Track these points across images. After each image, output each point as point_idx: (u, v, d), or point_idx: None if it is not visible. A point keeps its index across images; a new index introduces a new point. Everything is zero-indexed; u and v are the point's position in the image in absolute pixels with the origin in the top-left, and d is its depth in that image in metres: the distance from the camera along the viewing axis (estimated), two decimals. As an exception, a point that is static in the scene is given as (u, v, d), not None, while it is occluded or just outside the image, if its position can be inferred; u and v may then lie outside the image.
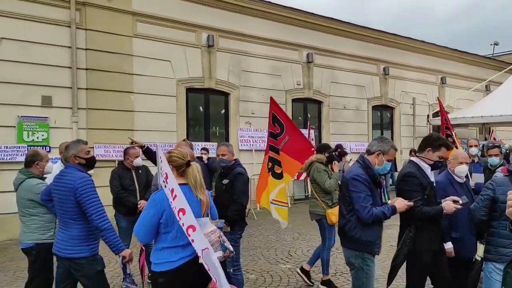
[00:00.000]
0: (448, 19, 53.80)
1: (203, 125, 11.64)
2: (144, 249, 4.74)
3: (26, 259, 4.22)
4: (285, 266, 6.33)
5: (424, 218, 3.48)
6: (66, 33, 8.99)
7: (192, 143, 7.26)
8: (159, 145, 3.15)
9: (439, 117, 10.55)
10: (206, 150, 8.98)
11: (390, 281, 3.67)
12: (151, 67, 10.17)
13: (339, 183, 5.60)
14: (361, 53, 14.76)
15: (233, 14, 11.68)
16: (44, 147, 8.27)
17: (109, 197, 5.67)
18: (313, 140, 10.46)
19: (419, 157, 3.73)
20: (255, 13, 12.09)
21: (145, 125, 10.02)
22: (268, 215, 10.48)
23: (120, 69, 9.70)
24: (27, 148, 8.22)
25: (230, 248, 3.02)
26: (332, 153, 5.54)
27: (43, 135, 8.67)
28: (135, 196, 5.54)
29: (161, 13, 10.33)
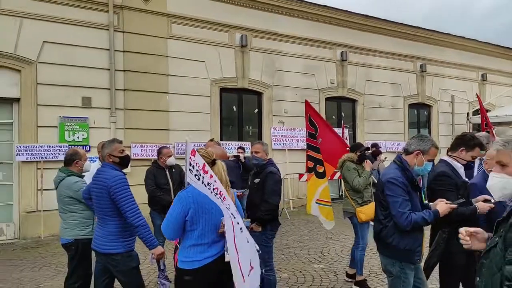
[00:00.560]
0: (487, 14, 51.74)
1: (237, 124, 11.73)
2: (178, 246, 4.83)
3: (67, 255, 4.38)
4: (318, 266, 6.29)
5: (459, 219, 3.32)
6: (105, 36, 9.27)
7: (220, 142, 7.37)
8: (190, 142, 3.18)
9: (479, 115, 10.19)
10: (243, 149, 9.07)
11: None
12: (185, 68, 10.33)
13: (372, 182, 5.58)
14: (397, 50, 14.44)
15: (266, 13, 11.70)
16: (84, 147, 8.58)
17: (145, 195, 5.82)
18: (347, 140, 10.31)
19: (452, 156, 3.62)
20: (288, 12, 12.06)
21: (180, 125, 10.20)
22: (302, 214, 10.53)
23: (156, 70, 9.91)
24: (68, 148, 8.54)
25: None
26: (364, 152, 5.56)
27: (83, 134, 8.98)
28: (169, 194, 5.66)
29: (195, 14, 10.48)
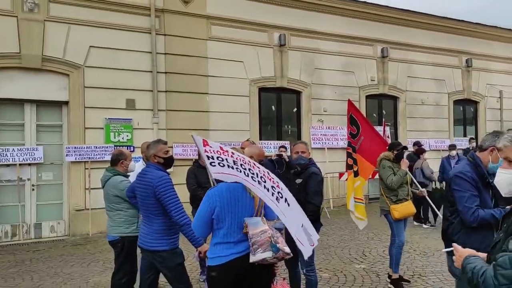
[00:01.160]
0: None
1: (275, 124, 11.75)
2: None
3: (113, 251, 4.55)
4: (359, 266, 6.22)
5: None
6: (147, 39, 9.55)
7: (256, 142, 7.40)
8: (196, 136, 3.20)
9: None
10: (285, 148, 9.08)
11: None
12: (224, 68, 10.47)
13: (411, 181, 5.53)
14: (440, 45, 13.98)
15: (304, 12, 11.65)
16: (128, 147, 8.86)
17: (187, 194, 5.95)
18: (388, 138, 10.07)
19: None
20: (327, 9, 11.96)
21: (220, 125, 10.34)
22: (343, 214, 10.43)
23: (196, 72, 10.10)
24: (114, 148, 8.87)
25: (286, 250, 2.95)
26: (401, 151, 5.53)
27: (127, 135, 9.29)
28: (210, 193, 5.75)
29: (234, 15, 10.59)
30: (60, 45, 8.66)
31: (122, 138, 9.25)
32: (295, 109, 11.97)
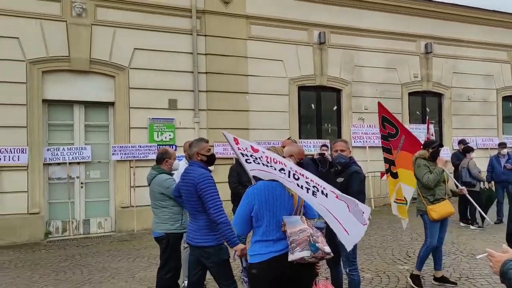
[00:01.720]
0: None
1: (315, 122, 11.69)
2: None
3: (158, 247, 4.67)
4: (402, 267, 6.09)
5: None
6: (188, 40, 9.74)
7: (297, 141, 7.40)
8: (227, 134, 3.23)
9: None
10: (326, 147, 9.03)
11: None
12: (264, 68, 10.51)
13: (447, 179, 5.37)
14: (488, 39, 13.42)
15: (345, 8, 11.51)
16: (171, 146, 9.08)
17: (228, 192, 6.03)
18: (433, 136, 9.82)
19: None
20: (368, 5, 11.76)
21: (259, 124, 10.40)
22: (384, 214, 10.23)
23: (236, 71, 10.20)
24: (157, 147, 9.13)
25: (325, 249, 2.91)
26: (437, 149, 5.39)
27: (170, 135, 9.53)
28: (252, 191, 5.80)
29: (273, 14, 10.61)
30: (106, 48, 8.99)
31: (165, 138, 9.49)
32: (335, 108, 11.86)
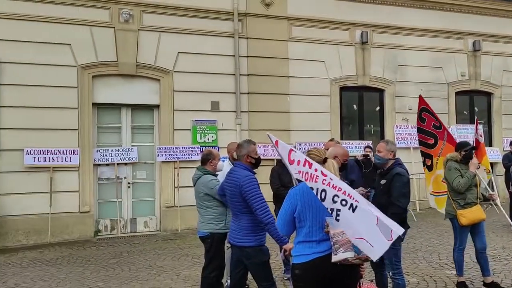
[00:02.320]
0: None
1: (357, 123, 11.54)
2: None
3: (201, 247, 4.77)
4: (450, 272, 5.90)
5: None
6: (230, 43, 9.88)
7: (340, 142, 7.37)
8: (272, 136, 3.24)
9: None
10: (370, 148, 8.93)
11: None
12: (305, 69, 10.49)
13: (478, 183, 5.21)
14: (543, 35, 12.77)
15: (388, 7, 11.30)
16: (213, 148, 9.23)
17: (269, 193, 6.07)
18: (481, 136, 9.45)
19: None
20: (412, 3, 11.50)
21: (301, 125, 10.39)
22: (430, 217, 9.96)
23: (277, 73, 10.24)
24: (200, 149, 9.32)
25: None
26: (470, 151, 5.19)
27: (212, 136, 9.70)
28: (294, 192, 5.82)
29: (314, 14, 10.58)
30: (151, 52, 9.28)
31: (208, 139, 9.67)
32: (377, 108, 11.66)
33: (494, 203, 6.46)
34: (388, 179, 4.23)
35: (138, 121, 9.54)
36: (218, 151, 8.94)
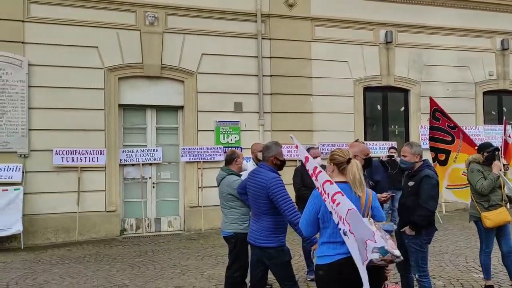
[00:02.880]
0: None
1: (381, 124, 11.41)
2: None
3: (224, 246, 4.81)
4: (477, 275, 5.78)
5: None
6: (253, 44, 9.92)
7: (364, 143, 7.33)
8: (295, 140, 3.30)
9: None
10: (395, 149, 8.84)
11: None
12: (329, 69, 10.44)
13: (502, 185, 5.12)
14: None
15: (413, 6, 11.14)
16: (236, 148, 9.28)
17: (292, 193, 6.07)
18: (510, 137, 9.22)
19: None
20: (437, 2, 11.30)
21: (324, 126, 10.34)
22: (456, 219, 9.77)
23: (300, 73, 10.22)
24: (223, 149, 9.39)
25: (395, 253, 2.84)
26: (493, 153, 5.11)
27: (235, 137, 9.76)
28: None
29: (338, 15, 10.52)
30: (176, 54, 9.40)
31: (231, 140, 9.73)
32: (402, 108, 11.51)
33: None
34: (416, 181, 4.19)
35: (163, 122, 9.68)
36: (241, 151, 9.09)
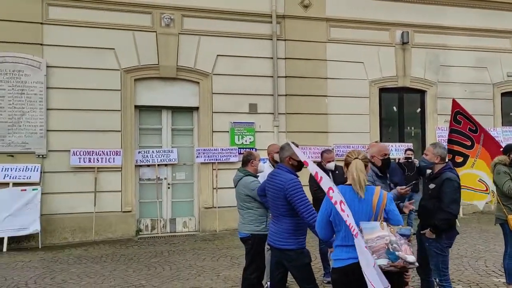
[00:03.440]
0: None
1: (397, 125, 11.30)
2: None
3: (240, 248, 4.81)
4: (498, 279, 5.68)
5: None
6: (268, 45, 9.91)
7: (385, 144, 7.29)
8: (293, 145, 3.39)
9: None
10: (412, 151, 8.76)
11: None
12: (344, 70, 10.38)
13: None
14: None
15: (430, 6, 11.03)
16: (251, 149, 9.28)
17: (309, 195, 6.04)
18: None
19: None
20: (455, 2, 11.17)
21: (339, 127, 10.28)
22: (474, 222, 9.63)
23: (315, 75, 10.18)
24: (238, 150, 9.40)
25: (408, 259, 2.78)
26: None
27: (250, 138, 9.75)
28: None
29: (353, 15, 10.46)
30: (191, 56, 9.44)
31: (245, 141, 9.73)
32: (418, 110, 11.39)
33: None
34: (438, 184, 4.11)
35: (178, 123, 9.72)
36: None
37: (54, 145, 8.62)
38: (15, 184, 8.15)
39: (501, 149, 5.57)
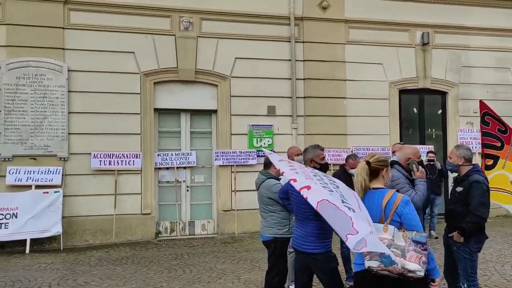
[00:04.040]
0: None
1: (417, 127, 11.14)
2: None
3: (259, 251, 4.79)
4: (526, 285, 5.54)
5: None
6: (286, 47, 9.87)
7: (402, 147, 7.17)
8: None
9: None
10: (433, 153, 8.63)
11: None
12: (363, 72, 10.28)
13: None
14: None
15: (451, 6, 10.86)
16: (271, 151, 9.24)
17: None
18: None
19: None
20: (476, 1, 10.98)
21: (358, 129, 10.17)
22: (498, 226, 9.40)
23: (334, 76, 10.11)
24: (257, 153, 9.39)
25: (408, 266, 2.66)
26: None
27: (268, 141, 9.72)
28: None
29: (372, 16, 10.36)
30: (210, 59, 9.46)
31: (264, 144, 9.70)
32: (439, 111, 11.21)
33: None
34: (465, 187, 4.03)
35: (197, 126, 9.74)
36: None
37: (75, 148, 8.72)
38: (37, 187, 8.28)
39: None
